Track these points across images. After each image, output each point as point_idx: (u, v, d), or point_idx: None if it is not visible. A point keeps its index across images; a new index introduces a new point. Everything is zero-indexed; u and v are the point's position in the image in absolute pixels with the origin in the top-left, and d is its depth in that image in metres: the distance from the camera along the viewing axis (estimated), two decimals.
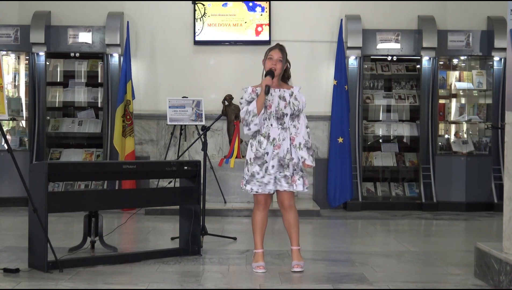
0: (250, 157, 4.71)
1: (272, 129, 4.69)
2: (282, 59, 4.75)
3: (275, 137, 4.68)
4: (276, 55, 4.75)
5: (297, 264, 4.72)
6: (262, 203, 4.75)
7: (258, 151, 4.68)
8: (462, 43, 9.00)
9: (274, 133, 4.69)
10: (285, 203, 4.75)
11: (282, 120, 4.70)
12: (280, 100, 4.71)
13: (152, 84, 9.20)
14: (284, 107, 4.70)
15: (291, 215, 4.76)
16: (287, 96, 4.74)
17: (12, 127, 9.04)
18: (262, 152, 4.67)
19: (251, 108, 4.64)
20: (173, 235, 6.07)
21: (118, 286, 4.25)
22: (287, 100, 4.72)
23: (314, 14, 9.20)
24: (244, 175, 4.73)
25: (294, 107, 4.72)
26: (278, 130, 4.69)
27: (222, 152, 9.05)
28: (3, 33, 8.86)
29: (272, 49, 4.80)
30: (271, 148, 4.67)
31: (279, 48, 4.79)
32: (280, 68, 4.75)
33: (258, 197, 4.75)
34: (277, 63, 4.73)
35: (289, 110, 4.71)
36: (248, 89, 4.75)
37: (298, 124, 4.74)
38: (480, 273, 4.50)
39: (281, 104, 4.70)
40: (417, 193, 8.90)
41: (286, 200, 4.74)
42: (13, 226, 7.01)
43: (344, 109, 8.50)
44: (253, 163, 4.68)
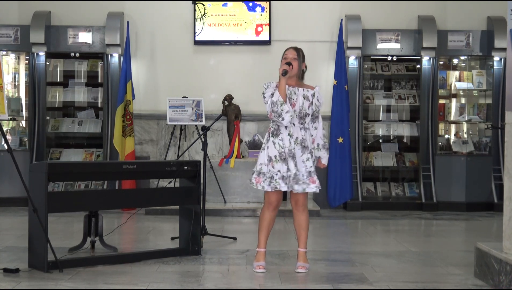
0: (274, 155, 4.65)
1: (295, 129, 4.67)
2: (297, 57, 4.75)
3: (298, 136, 4.66)
4: (290, 54, 4.77)
5: (301, 266, 4.71)
6: (274, 203, 4.73)
7: (282, 149, 4.64)
8: (462, 43, 9.01)
9: (297, 132, 4.67)
10: (299, 203, 4.74)
11: (304, 120, 4.69)
12: (304, 99, 4.70)
13: (152, 84, 9.20)
14: (307, 107, 4.69)
15: (303, 217, 4.76)
16: (310, 96, 4.73)
17: (12, 127, 9.04)
18: (288, 151, 4.63)
19: (275, 98, 4.60)
20: (173, 235, 6.07)
21: (118, 286, 4.25)
22: (310, 100, 4.72)
23: (314, 14, 9.20)
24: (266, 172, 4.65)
25: (315, 107, 4.73)
26: (300, 130, 4.68)
27: (222, 152, 9.05)
28: (3, 33, 8.86)
29: (287, 50, 4.82)
30: (299, 149, 4.65)
31: (294, 48, 4.82)
32: (297, 66, 4.74)
33: (271, 197, 4.71)
34: (292, 61, 4.72)
35: (311, 110, 4.71)
36: (272, 83, 4.72)
37: (318, 125, 4.76)
38: (480, 273, 4.50)
39: (305, 104, 4.69)
40: (417, 193, 8.90)
41: (301, 200, 4.73)
42: (13, 226, 7.01)
43: (344, 109, 8.50)
44: (279, 161, 4.64)
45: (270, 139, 4.71)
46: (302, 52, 4.84)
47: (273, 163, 4.65)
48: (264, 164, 4.69)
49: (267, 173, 4.66)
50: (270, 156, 4.67)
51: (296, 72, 4.75)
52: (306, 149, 4.67)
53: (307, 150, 4.67)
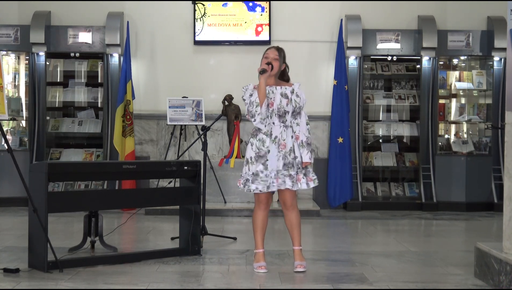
0: (251, 156, 4.70)
1: (274, 127, 4.69)
2: (278, 57, 4.76)
3: (277, 135, 4.68)
4: (272, 54, 4.79)
5: (299, 264, 4.72)
6: (263, 202, 4.75)
7: (260, 150, 4.67)
8: (462, 43, 9.01)
9: (276, 131, 4.69)
10: (287, 203, 4.75)
11: (284, 117, 4.70)
12: (282, 97, 4.71)
13: (152, 84, 9.20)
14: (286, 105, 4.70)
15: (293, 215, 4.76)
16: (288, 93, 4.74)
17: (12, 127, 9.04)
18: (265, 151, 4.66)
19: (253, 98, 4.64)
20: (173, 235, 6.07)
21: (118, 286, 4.25)
22: (289, 97, 4.72)
23: (314, 14, 9.19)
24: (244, 175, 4.72)
25: (295, 104, 4.72)
26: (280, 128, 4.69)
27: (222, 152, 9.05)
28: (3, 33, 8.86)
29: (268, 49, 4.87)
30: (275, 147, 4.67)
31: (275, 48, 4.85)
32: (277, 66, 4.76)
33: (260, 196, 4.74)
34: (272, 61, 4.73)
35: (290, 107, 4.71)
36: (249, 86, 4.77)
37: (300, 121, 4.75)
38: (480, 273, 4.50)
39: (283, 102, 4.70)
40: (417, 193, 8.90)
41: (289, 200, 4.74)
42: (13, 226, 7.01)
43: (344, 109, 8.50)
44: (256, 162, 4.67)
45: (250, 140, 4.77)
46: (284, 52, 4.85)
47: (249, 165, 4.69)
48: (244, 166, 4.76)
49: (244, 175, 4.72)
50: (247, 158, 4.73)
51: (276, 71, 4.76)
52: (284, 147, 4.66)
53: (284, 148, 4.66)
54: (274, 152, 4.66)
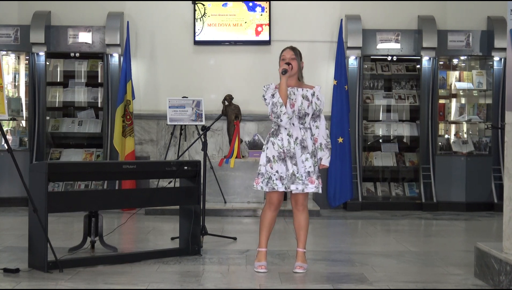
0: (273, 155, 4.66)
1: (294, 128, 4.68)
2: (295, 56, 4.76)
3: (298, 136, 4.66)
4: (288, 55, 4.78)
5: (299, 266, 4.71)
6: (275, 203, 4.74)
7: (281, 149, 4.64)
8: (462, 43, 9.01)
9: (297, 132, 4.67)
10: (299, 203, 4.73)
11: (304, 119, 4.69)
12: (303, 99, 4.70)
13: (152, 84, 9.20)
14: (307, 107, 4.69)
15: (303, 217, 4.75)
16: (309, 95, 4.73)
17: (12, 127, 9.03)
18: (287, 151, 4.64)
19: (275, 99, 4.62)
20: (173, 235, 6.07)
21: (118, 286, 4.25)
22: (309, 99, 4.71)
23: (314, 14, 9.20)
24: (265, 173, 4.66)
25: (316, 107, 4.71)
26: (300, 130, 4.68)
27: (222, 152, 9.05)
28: (3, 33, 8.86)
29: (284, 50, 4.84)
30: (299, 149, 4.65)
31: (290, 48, 4.84)
32: (296, 66, 4.75)
33: (272, 197, 4.72)
34: (291, 61, 4.73)
35: (311, 110, 4.70)
36: (271, 85, 4.73)
37: (320, 124, 4.74)
38: (480, 273, 4.50)
39: (305, 104, 4.69)
40: (417, 193, 8.90)
41: (301, 200, 4.73)
42: (13, 226, 7.01)
43: (344, 109, 8.50)
44: (277, 161, 4.65)
45: (270, 139, 4.73)
46: (299, 51, 4.86)
47: (271, 164, 4.66)
48: (263, 165, 4.71)
49: (265, 173, 4.67)
50: (269, 157, 4.68)
51: (295, 71, 4.76)
52: (306, 149, 4.67)
53: (306, 150, 4.67)
54: (298, 154, 4.65)
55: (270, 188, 4.65)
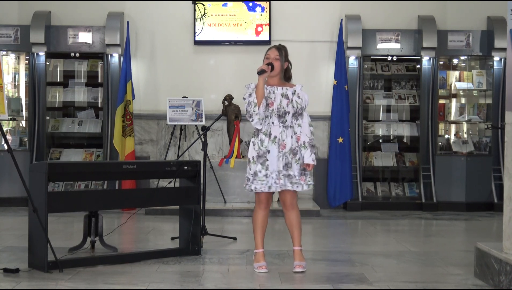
0: (252, 156, 4.71)
1: (273, 127, 4.69)
2: (279, 57, 4.75)
3: (276, 135, 4.68)
4: (272, 54, 4.78)
5: (298, 265, 4.72)
6: (263, 202, 4.75)
7: (260, 149, 4.68)
8: (462, 43, 9.01)
9: (276, 131, 4.68)
10: (287, 203, 4.75)
11: (284, 118, 4.70)
12: (282, 98, 4.71)
13: (152, 84, 9.20)
14: (286, 105, 4.69)
15: (293, 215, 4.75)
16: (289, 94, 4.73)
17: (12, 127, 9.03)
18: (264, 150, 4.67)
19: (251, 98, 4.65)
20: (173, 235, 6.07)
21: (118, 286, 4.25)
22: (289, 98, 4.72)
23: (314, 14, 9.19)
24: (247, 175, 4.73)
25: (297, 105, 4.71)
26: (279, 128, 4.69)
27: (222, 152, 9.04)
28: (3, 33, 8.86)
29: (269, 49, 4.84)
30: (275, 147, 4.66)
31: (276, 47, 4.82)
32: (279, 66, 4.75)
33: (260, 196, 4.74)
34: (274, 61, 4.73)
35: (291, 108, 4.70)
36: (251, 85, 4.77)
37: (302, 122, 4.74)
38: (480, 273, 4.50)
39: (284, 102, 4.70)
40: (417, 193, 8.89)
41: (289, 199, 4.74)
42: (13, 226, 7.01)
43: (344, 109, 8.50)
44: (256, 161, 4.68)
45: (251, 140, 4.77)
46: (285, 50, 4.82)
47: (250, 165, 4.70)
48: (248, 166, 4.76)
49: (247, 174, 4.73)
50: (249, 158, 4.74)
51: (277, 72, 4.76)
52: (283, 147, 4.67)
53: (284, 148, 4.66)
54: (274, 152, 4.66)
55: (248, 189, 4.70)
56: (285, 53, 4.81)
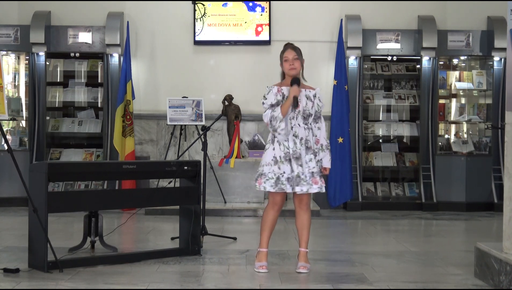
0: (280, 156, 4.64)
1: (300, 129, 4.66)
2: (297, 56, 4.75)
3: (303, 137, 4.65)
4: (291, 55, 4.76)
5: (303, 266, 4.70)
6: (279, 203, 4.73)
7: (288, 149, 4.63)
8: (462, 43, 9.01)
9: (302, 133, 4.66)
10: (303, 203, 4.72)
11: (307, 120, 4.69)
12: (307, 100, 4.70)
13: (152, 84, 9.20)
14: (311, 108, 4.69)
15: (306, 216, 4.75)
16: (311, 96, 4.73)
17: (12, 127, 9.03)
18: (293, 151, 4.62)
19: (276, 114, 4.60)
20: (173, 235, 6.07)
21: (118, 286, 4.25)
22: (312, 100, 4.72)
23: (314, 14, 9.20)
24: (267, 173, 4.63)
25: (318, 108, 4.72)
26: (304, 130, 4.67)
27: (222, 152, 9.05)
28: (3, 33, 8.86)
29: (285, 50, 4.79)
30: (304, 149, 4.64)
31: (291, 47, 4.80)
32: (299, 66, 4.75)
33: (276, 197, 4.70)
34: (294, 62, 4.72)
35: (314, 110, 4.70)
36: (273, 89, 4.70)
37: (321, 125, 4.74)
38: (480, 273, 4.50)
39: (309, 104, 4.69)
40: (417, 193, 8.90)
41: (305, 200, 4.72)
42: (13, 226, 7.01)
43: (344, 109, 8.50)
44: (284, 162, 4.63)
45: (275, 139, 4.69)
46: (299, 49, 4.84)
47: (279, 164, 4.63)
48: (267, 165, 4.66)
49: (269, 173, 4.64)
50: (276, 157, 4.65)
51: (298, 71, 4.75)
52: (309, 149, 4.66)
53: (310, 150, 4.67)
54: (303, 154, 4.64)
55: (279, 189, 4.62)
56: (300, 51, 4.81)
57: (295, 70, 4.72)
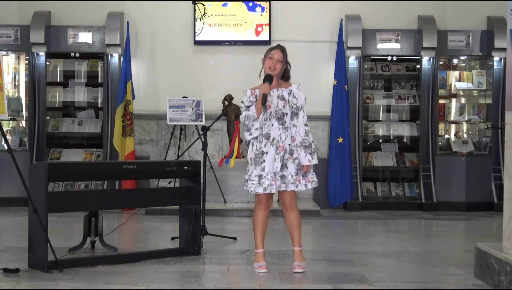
0: (250, 157, 4.73)
1: (273, 129, 4.69)
2: (282, 60, 4.76)
3: (275, 137, 4.67)
4: (276, 55, 4.76)
5: (298, 265, 4.71)
6: (263, 202, 4.75)
7: (257, 151, 4.68)
8: (462, 43, 9.01)
9: (275, 133, 4.68)
10: (286, 203, 4.74)
11: (283, 119, 4.70)
12: (279, 100, 4.71)
13: (152, 84, 9.20)
14: (283, 107, 4.70)
15: (293, 215, 4.75)
16: (285, 95, 4.73)
17: (12, 127, 9.04)
18: (261, 152, 4.67)
19: (250, 113, 4.66)
20: (173, 235, 6.07)
21: (118, 286, 4.25)
22: (286, 99, 4.72)
23: (314, 14, 9.19)
24: (246, 176, 4.74)
25: (293, 105, 4.71)
26: (279, 130, 4.68)
27: (222, 152, 9.05)
28: (3, 33, 8.86)
29: (274, 49, 4.82)
30: (273, 149, 4.66)
31: (281, 49, 4.80)
32: (280, 69, 4.76)
33: (259, 196, 4.74)
34: (277, 63, 4.74)
35: (288, 109, 4.70)
36: (247, 92, 4.76)
37: (297, 122, 4.72)
38: (480, 273, 4.50)
39: (280, 104, 4.70)
40: (417, 193, 8.90)
41: (288, 200, 4.73)
42: (13, 226, 7.01)
43: (344, 109, 8.50)
44: (253, 163, 4.69)
45: (251, 141, 4.76)
46: (287, 53, 4.82)
47: (249, 166, 4.72)
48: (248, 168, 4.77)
49: (246, 175, 4.74)
50: (248, 159, 4.76)
51: (277, 73, 4.76)
52: (282, 149, 4.66)
53: (282, 150, 4.66)
54: (271, 154, 4.66)
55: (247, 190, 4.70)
56: (286, 55, 4.81)
57: (273, 71, 4.72)
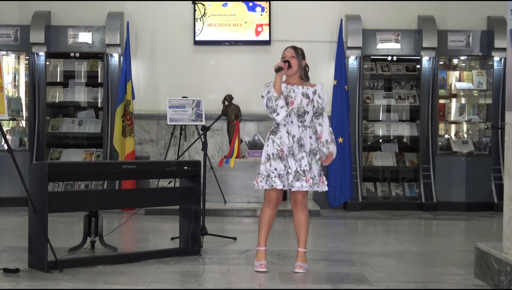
0: (273, 153, 4.65)
1: (293, 126, 4.66)
2: (295, 55, 4.74)
3: (295, 134, 4.66)
4: (288, 53, 4.76)
5: (300, 266, 4.70)
6: (273, 201, 4.73)
7: (280, 147, 4.63)
8: (462, 43, 9.01)
9: (295, 130, 4.66)
10: (298, 201, 4.72)
11: (303, 117, 4.68)
12: (303, 97, 4.69)
13: (152, 84, 9.20)
14: (306, 105, 4.68)
15: (303, 215, 4.74)
16: (310, 93, 4.71)
17: (12, 127, 9.04)
18: (287, 148, 4.62)
19: (270, 93, 4.59)
20: (173, 235, 6.07)
21: (118, 286, 4.25)
22: (310, 97, 4.71)
23: (314, 14, 9.20)
24: (263, 172, 4.66)
25: (318, 105, 4.70)
26: (298, 128, 4.67)
27: (222, 152, 9.05)
28: (3, 33, 8.86)
29: (285, 49, 4.81)
30: (296, 147, 4.64)
31: (292, 47, 4.81)
32: (296, 64, 4.72)
33: (270, 194, 4.70)
34: (290, 59, 4.72)
35: (311, 108, 4.69)
36: (270, 83, 4.70)
37: (323, 121, 4.73)
38: (480, 273, 4.50)
39: (304, 102, 4.68)
40: (417, 193, 8.90)
41: (300, 199, 4.72)
42: (13, 226, 7.01)
43: (344, 109, 8.50)
44: (276, 159, 4.64)
45: (270, 137, 4.72)
46: (302, 50, 4.83)
47: (270, 161, 4.65)
48: (262, 164, 4.70)
49: (263, 171, 4.67)
50: (269, 154, 4.68)
51: (296, 70, 4.73)
52: (302, 147, 4.66)
53: (303, 148, 4.66)
54: (295, 152, 4.64)
55: (269, 185, 4.63)
56: (302, 52, 4.80)
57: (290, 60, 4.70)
